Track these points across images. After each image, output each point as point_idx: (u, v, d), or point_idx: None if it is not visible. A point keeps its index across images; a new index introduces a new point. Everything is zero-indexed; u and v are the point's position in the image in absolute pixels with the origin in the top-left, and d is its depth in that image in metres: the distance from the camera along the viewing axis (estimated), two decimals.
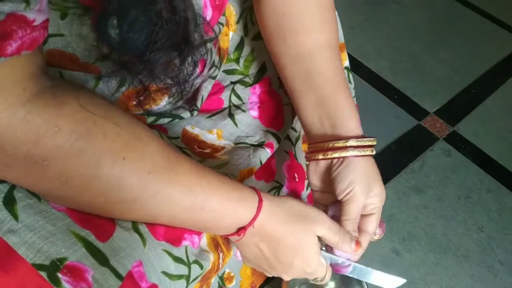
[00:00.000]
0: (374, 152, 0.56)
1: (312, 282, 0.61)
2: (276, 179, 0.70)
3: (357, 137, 0.55)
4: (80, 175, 0.38)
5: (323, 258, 0.56)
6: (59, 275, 0.37)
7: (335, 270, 0.58)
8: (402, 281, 0.59)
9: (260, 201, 0.49)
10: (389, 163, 1.15)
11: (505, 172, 1.17)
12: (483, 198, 1.11)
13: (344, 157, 0.55)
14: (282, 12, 0.57)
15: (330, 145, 0.55)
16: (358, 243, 0.55)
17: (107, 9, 0.34)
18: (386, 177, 1.11)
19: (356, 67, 1.38)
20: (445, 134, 1.25)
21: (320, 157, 0.56)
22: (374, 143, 0.56)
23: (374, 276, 0.58)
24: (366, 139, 0.55)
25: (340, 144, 0.55)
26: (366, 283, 0.78)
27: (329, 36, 0.59)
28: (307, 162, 0.60)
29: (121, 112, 0.41)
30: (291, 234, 0.51)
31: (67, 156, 0.36)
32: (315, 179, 0.59)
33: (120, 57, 0.38)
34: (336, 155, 0.55)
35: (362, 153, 0.55)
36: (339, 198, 0.56)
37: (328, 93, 0.57)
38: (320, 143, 0.56)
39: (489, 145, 1.23)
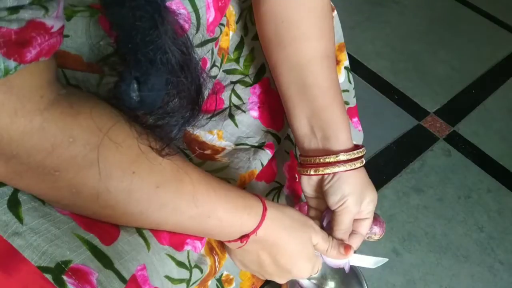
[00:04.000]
0: (364, 163, 0.57)
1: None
2: (276, 180, 0.71)
3: (347, 151, 0.55)
4: (90, 187, 0.38)
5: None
6: (64, 277, 0.38)
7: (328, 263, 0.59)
8: (383, 260, 0.60)
9: (265, 209, 0.50)
10: (389, 163, 1.15)
11: (505, 172, 1.18)
12: (483, 198, 1.11)
13: (335, 172, 0.55)
14: (281, 20, 0.57)
15: (321, 160, 0.55)
16: (347, 246, 0.56)
17: (129, 74, 0.36)
18: (386, 177, 1.11)
19: (356, 67, 1.38)
20: (445, 134, 1.25)
21: (312, 172, 0.57)
22: (363, 153, 0.57)
23: (357, 258, 0.60)
24: (355, 151, 0.56)
25: (331, 159, 0.55)
26: (366, 283, 0.78)
27: (327, 45, 0.58)
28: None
29: (133, 121, 0.41)
30: (293, 239, 0.52)
31: (79, 168, 0.37)
32: (309, 189, 0.60)
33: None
34: (328, 171, 0.55)
35: (353, 167, 0.55)
36: (332, 209, 0.57)
37: (324, 105, 0.57)
38: (311, 157, 0.57)
39: (489, 145, 1.23)
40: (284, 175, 0.72)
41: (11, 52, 0.30)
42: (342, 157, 0.55)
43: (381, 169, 1.11)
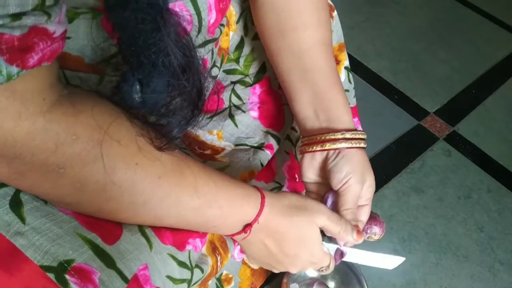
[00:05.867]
0: (365, 145, 0.59)
1: (317, 272, 0.63)
2: (276, 180, 0.71)
3: (351, 130, 0.58)
4: (94, 181, 0.38)
5: (326, 248, 0.57)
6: (67, 276, 0.38)
7: (336, 260, 0.59)
8: (401, 259, 0.60)
9: (263, 197, 0.51)
10: (389, 163, 1.15)
11: (505, 172, 1.18)
12: (483, 198, 1.11)
13: (340, 149, 0.57)
14: (281, 9, 0.59)
15: (328, 137, 0.57)
16: (359, 232, 0.57)
17: (131, 76, 0.37)
18: (386, 177, 1.11)
19: (356, 67, 1.38)
20: (445, 134, 1.25)
21: (318, 148, 0.58)
22: (365, 136, 0.59)
23: (375, 258, 0.60)
24: (359, 132, 0.58)
25: (337, 136, 0.57)
26: (366, 283, 0.79)
27: (325, 34, 0.61)
28: (300, 155, 0.61)
29: (133, 117, 0.42)
30: (294, 226, 0.53)
31: (83, 164, 0.37)
32: (310, 171, 0.61)
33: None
34: (334, 146, 0.57)
35: (357, 145, 0.57)
36: (336, 188, 0.58)
37: (325, 88, 0.59)
38: (317, 135, 0.58)
39: (489, 145, 1.23)
40: (284, 175, 0.72)
41: (14, 58, 0.30)
42: (347, 134, 0.57)
43: (381, 169, 1.11)
